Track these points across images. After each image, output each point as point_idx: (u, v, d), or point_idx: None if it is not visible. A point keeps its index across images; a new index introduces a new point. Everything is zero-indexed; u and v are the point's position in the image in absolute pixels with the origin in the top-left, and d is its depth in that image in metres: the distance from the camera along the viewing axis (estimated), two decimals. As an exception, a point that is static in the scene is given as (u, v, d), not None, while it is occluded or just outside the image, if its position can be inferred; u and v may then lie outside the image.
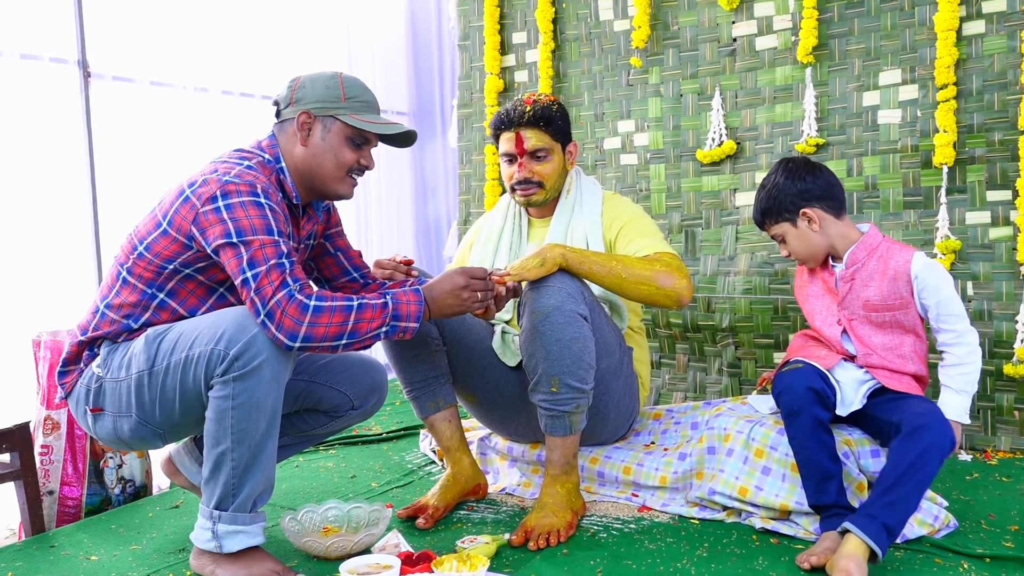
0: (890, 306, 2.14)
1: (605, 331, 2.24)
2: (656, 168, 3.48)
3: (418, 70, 5.04)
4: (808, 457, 2.06)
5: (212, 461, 1.85)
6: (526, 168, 2.42)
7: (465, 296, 1.97)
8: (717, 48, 3.34)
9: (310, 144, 2.01)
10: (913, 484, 1.88)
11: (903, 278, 2.12)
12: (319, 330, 1.80)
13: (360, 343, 1.86)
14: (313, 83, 2.01)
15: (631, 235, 2.36)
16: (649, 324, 3.41)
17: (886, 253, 2.16)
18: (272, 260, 1.81)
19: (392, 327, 1.88)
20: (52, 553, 2.15)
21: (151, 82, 3.55)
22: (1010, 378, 2.79)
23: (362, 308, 1.85)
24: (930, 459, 1.90)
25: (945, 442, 1.93)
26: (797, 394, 2.08)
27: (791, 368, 2.17)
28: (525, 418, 2.43)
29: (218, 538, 1.88)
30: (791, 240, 2.24)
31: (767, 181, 2.27)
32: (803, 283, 2.33)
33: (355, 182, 2.08)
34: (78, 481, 2.54)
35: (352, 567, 1.82)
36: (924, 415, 1.98)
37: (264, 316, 1.79)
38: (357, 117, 2.00)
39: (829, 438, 2.07)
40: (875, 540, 1.82)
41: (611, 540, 2.12)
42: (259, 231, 1.83)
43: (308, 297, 1.80)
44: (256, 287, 1.79)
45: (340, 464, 2.90)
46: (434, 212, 5.11)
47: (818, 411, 2.06)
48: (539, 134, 2.41)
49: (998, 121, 2.84)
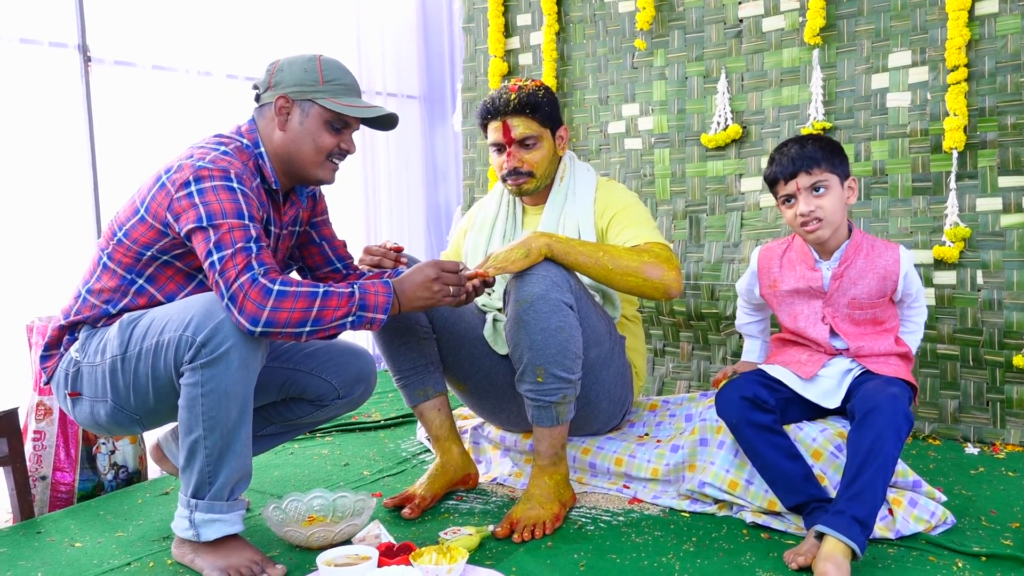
0: (875, 303, 2.09)
1: (593, 320, 2.19)
2: (660, 152, 3.41)
3: (428, 53, 4.99)
4: (764, 464, 2.02)
5: (186, 449, 1.84)
6: (515, 157, 2.37)
7: (436, 289, 1.94)
8: (723, 29, 3.26)
9: (288, 129, 1.98)
10: (874, 470, 1.82)
11: (892, 276, 2.08)
12: (282, 315, 1.77)
13: (324, 331, 1.83)
14: (291, 66, 1.98)
15: (622, 223, 2.31)
16: (653, 312, 3.36)
17: (872, 251, 2.10)
18: (239, 243, 1.79)
19: (358, 317, 1.85)
20: (38, 539, 2.15)
21: (153, 66, 3.53)
22: (1020, 370, 2.71)
23: (327, 296, 1.82)
24: (885, 441, 1.84)
25: (898, 419, 1.86)
26: (731, 407, 2.05)
27: (730, 380, 2.14)
28: (516, 407, 2.39)
29: (195, 527, 1.86)
30: (831, 200, 2.04)
31: (813, 135, 2.13)
32: (772, 282, 2.21)
33: (336, 167, 2.04)
34: (70, 467, 2.54)
35: (329, 558, 1.80)
36: (873, 397, 1.92)
37: (227, 299, 1.76)
38: (335, 100, 1.96)
39: (780, 438, 2.02)
40: (848, 536, 1.77)
41: (598, 533, 2.09)
42: (229, 215, 1.80)
43: (272, 281, 1.78)
44: (220, 269, 1.77)
45: (335, 452, 2.88)
46: (444, 197, 5.08)
47: (756, 416, 2.01)
48: (526, 121, 2.36)
49: (1011, 104, 2.75)
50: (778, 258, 2.21)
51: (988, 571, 1.81)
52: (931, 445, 2.78)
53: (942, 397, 2.87)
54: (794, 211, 2.07)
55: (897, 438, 1.85)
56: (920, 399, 2.91)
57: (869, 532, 1.81)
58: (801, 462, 2.00)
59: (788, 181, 2.07)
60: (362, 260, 2.32)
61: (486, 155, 3.82)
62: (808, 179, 2.04)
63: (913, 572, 1.81)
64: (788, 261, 2.19)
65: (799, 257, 2.16)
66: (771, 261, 2.22)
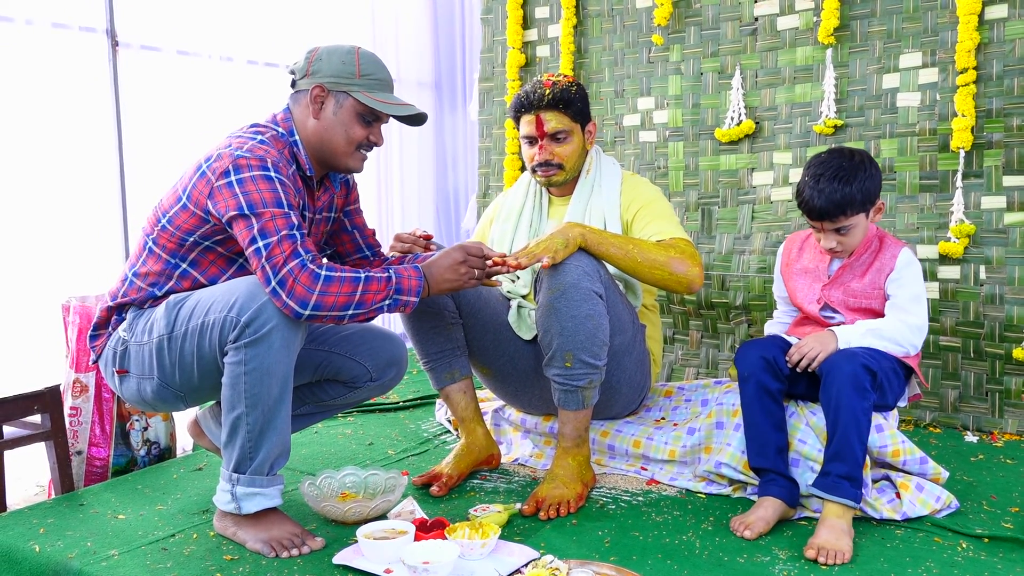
0: (868, 295, 2.20)
1: (619, 309, 2.29)
2: (674, 146, 3.50)
3: (440, 41, 5.06)
4: (751, 421, 2.15)
5: (229, 425, 1.93)
6: (546, 150, 2.46)
7: (463, 271, 2.04)
8: (739, 27, 3.35)
9: (322, 118, 2.06)
10: (844, 425, 1.97)
11: (886, 270, 2.18)
12: (329, 299, 1.87)
13: (365, 314, 1.94)
14: (330, 56, 2.05)
15: (648, 218, 2.40)
16: (664, 300, 3.45)
17: (880, 247, 2.21)
18: (283, 231, 1.88)
19: (394, 300, 1.96)
20: (81, 511, 2.23)
21: (177, 51, 3.60)
22: (1019, 362, 2.82)
23: (369, 280, 1.92)
24: (842, 396, 1.98)
25: (855, 370, 1.99)
26: (748, 360, 2.17)
27: (756, 339, 2.28)
28: (539, 391, 2.49)
29: (237, 500, 1.96)
30: (855, 232, 2.15)
31: (846, 169, 2.10)
32: (791, 260, 2.36)
33: (364, 157, 2.13)
34: (105, 442, 2.63)
35: (369, 531, 1.90)
36: (830, 359, 2.07)
37: (276, 284, 1.85)
38: (370, 95, 2.04)
39: (776, 408, 2.14)
40: (837, 494, 1.94)
41: (619, 512, 2.19)
42: (269, 204, 1.89)
43: (319, 267, 1.88)
44: (267, 256, 1.86)
45: (358, 431, 2.98)
46: (454, 184, 5.15)
47: (765, 379, 2.13)
48: (559, 116, 2.45)
49: (1017, 106, 2.85)
50: (800, 241, 2.36)
51: (990, 552, 1.92)
52: (932, 433, 2.89)
53: (943, 387, 2.98)
54: (818, 236, 2.21)
55: (855, 388, 1.98)
56: (921, 389, 3.01)
57: (859, 482, 1.96)
58: (783, 435, 2.14)
59: (813, 220, 2.17)
60: (393, 247, 2.41)
61: (502, 144, 3.91)
62: (833, 224, 2.15)
63: (919, 552, 1.92)
64: (808, 245, 2.34)
65: (817, 243, 2.28)
66: (793, 243, 2.38)
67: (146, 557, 1.95)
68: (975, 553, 1.91)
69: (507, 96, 3.86)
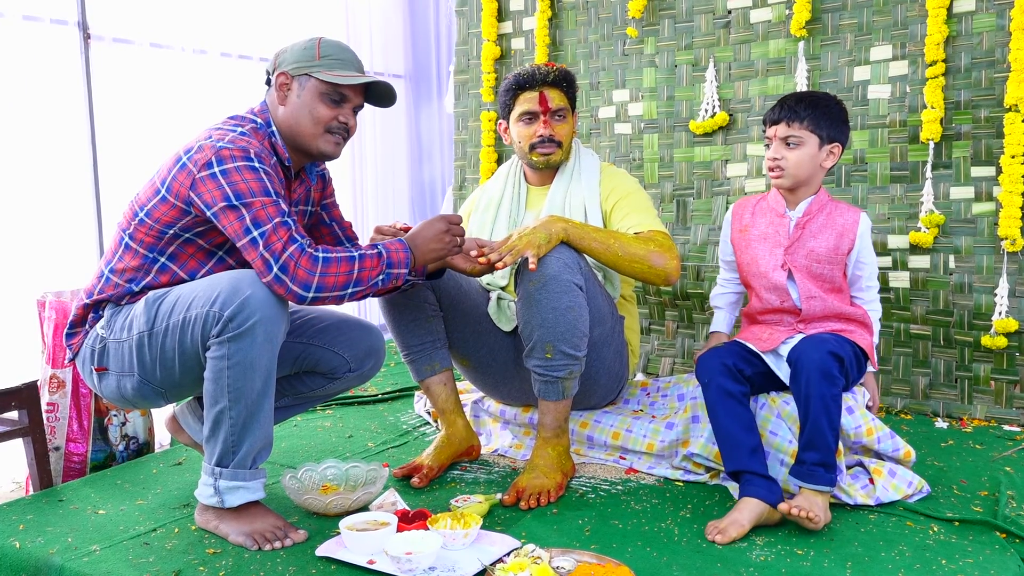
0: (831, 259, 2.23)
1: (599, 300, 2.31)
2: (649, 138, 3.53)
3: (414, 34, 5.05)
4: (718, 425, 2.15)
5: (211, 419, 1.94)
6: (550, 126, 2.49)
7: (447, 240, 2.07)
8: (712, 20, 3.38)
9: (288, 103, 2.07)
10: (815, 412, 2.01)
11: (848, 236, 2.22)
12: (329, 280, 1.90)
13: (363, 291, 1.97)
14: (293, 47, 2.09)
15: (626, 209, 2.43)
16: (640, 291, 3.48)
17: (834, 211, 2.26)
18: (276, 218, 1.90)
19: (387, 274, 1.99)
20: (61, 507, 2.23)
21: (150, 44, 3.57)
22: (987, 349, 2.88)
23: (363, 258, 1.95)
24: (811, 384, 2.02)
25: (821, 357, 2.03)
26: (708, 367, 2.20)
27: (714, 347, 2.30)
28: (518, 382, 2.51)
29: (220, 493, 1.96)
30: (799, 155, 2.20)
31: (819, 94, 2.25)
32: (743, 227, 2.36)
33: (338, 140, 2.11)
34: (83, 438, 2.62)
35: (351, 523, 1.91)
36: (796, 347, 2.12)
37: (278, 270, 1.87)
38: (329, 72, 2.05)
39: (742, 410, 2.15)
40: (811, 481, 1.99)
41: (599, 500, 2.22)
42: (257, 193, 1.90)
43: (316, 250, 1.91)
44: (265, 244, 1.87)
45: (337, 424, 2.99)
46: (429, 176, 5.16)
47: (726, 383, 2.15)
48: (561, 95, 2.51)
49: (984, 98, 2.90)
50: (751, 206, 2.38)
51: (961, 535, 1.96)
52: (903, 419, 2.94)
53: (914, 374, 3.04)
54: (768, 143, 2.26)
55: (823, 376, 2.02)
56: (892, 376, 3.07)
57: (833, 467, 2.01)
58: (754, 435, 2.12)
59: (769, 127, 2.26)
60: (373, 239, 2.41)
61: (478, 137, 3.91)
62: (785, 130, 2.21)
63: (892, 536, 1.96)
64: (760, 209, 2.35)
65: (771, 206, 2.32)
66: (744, 208, 2.39)
67: (128, 552, 1.95)
68: (946, 536, 1.96)
69: (483, 88, 3.87)
